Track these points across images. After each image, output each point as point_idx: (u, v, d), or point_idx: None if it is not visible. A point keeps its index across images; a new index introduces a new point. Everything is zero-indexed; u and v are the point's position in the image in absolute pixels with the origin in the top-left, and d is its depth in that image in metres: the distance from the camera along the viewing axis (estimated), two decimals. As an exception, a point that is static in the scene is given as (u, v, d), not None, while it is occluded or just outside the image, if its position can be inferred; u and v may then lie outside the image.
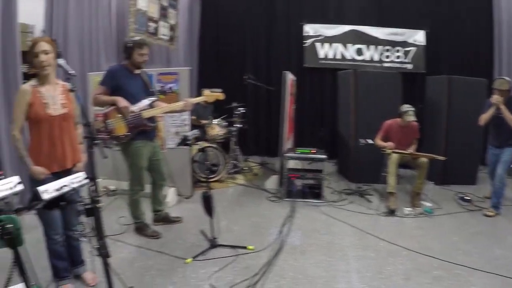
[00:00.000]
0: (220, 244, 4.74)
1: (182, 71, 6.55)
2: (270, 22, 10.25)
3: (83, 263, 4.09)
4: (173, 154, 6.35)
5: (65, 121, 3.59)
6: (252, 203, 6.48)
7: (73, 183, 2.17)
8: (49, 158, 3.55)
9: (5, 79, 6.02)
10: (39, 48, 3.40)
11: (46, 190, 1.97)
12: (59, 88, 3.62)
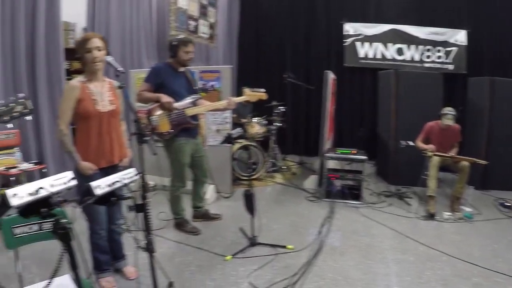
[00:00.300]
0: (260, 243, 4.73)
1: (224, 69, 6.59)
2: (310, 20, 10.17)
3: (124, 257, 4.15)
4: (214, 151, 6.36)
5: (113, 117, 3.64)
6: (291, 202, 6.44)
7: (124, 179, 2.18)
8: (97, 153, 3.60)
9: (49, 75, 6.17)
10: (93, 44, 3.44)
11: (98, 186, 1.99)
12: (106, 85, 3.67)
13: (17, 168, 5.36)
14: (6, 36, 5.61)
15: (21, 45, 5.77)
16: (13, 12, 5.65)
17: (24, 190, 1.73)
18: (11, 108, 2.12)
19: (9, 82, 5.70)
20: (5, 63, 5.62)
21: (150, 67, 5.09)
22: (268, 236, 4.95)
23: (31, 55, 5.97)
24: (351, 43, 9.81)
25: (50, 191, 1.80)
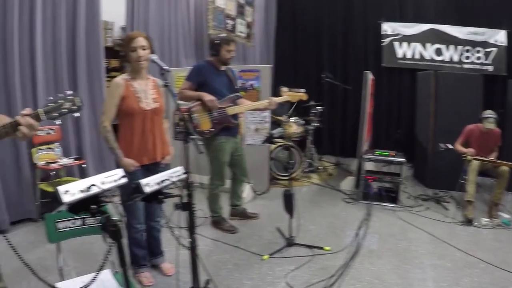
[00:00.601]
0: (297, 243, 4.71)
1: (264, 68, 6.57)
2: (347, 20, 10.07)
3: (162, 253, 4.20)
4: (252, 150, 6.35)
5: (156, 115, 3.69)
6: (327, 203, 6.40)
7: (172, 177, 2.19)
8: (140, 151, 3.66)
9: (89, 73, 6.32)
10: (138, 43, 3.50)
11: (148, 184, 1.99)
12: (150, 83, 3.73)
13: (57, 163, 5.48)
14: (47, 34, 5.75)
15: (62, 43, 5.92)
16: (54, 11, 5.79)
17: (76, 187, 1.74)
18: (60, 104, 2.12)
19: (50, 80, 5.85)
20: (47, 61, 5.77)
21: (192, 65, 5.12)
22: (305, 236, 4.93)
23: (72, 53, 6.12)
24: (389, 43, 9.66)
25: (102, 188, 1.81)
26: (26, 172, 5.52)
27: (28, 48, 5.53)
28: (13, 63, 5.31)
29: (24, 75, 5.49)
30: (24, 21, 5.44)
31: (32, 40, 5.56)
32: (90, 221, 2.88)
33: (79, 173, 6.20)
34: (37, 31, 5.54)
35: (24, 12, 5.41)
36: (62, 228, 2.84)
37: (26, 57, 5.51)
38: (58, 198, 1.67)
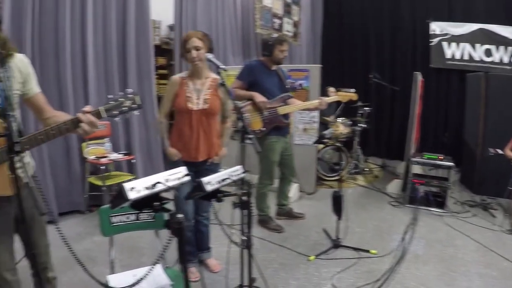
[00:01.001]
0: (343, 245, 4.68)
1: (313, 68, 6.52)
2: (395, 19, 9.88)
3: (209, 249, 4.24)
4: (300, 150, 6.33)
5: (205, 116, 3.70)
6: (373, 206, 6.33)
7: (232, 176, 2.20)
8: (183, 147, 3.75)
9: (139, 71, 6.48)
10: (191, 44, 3.53)
11: (209, 182, 2.00)
12: (208, 82, 3.73)
13: (107, 158, 5.59)
14: (98, 33, 5.91)
15: (112, 42, 6.08)
16: (105, 10, 5.95)
17: (141, 184, 1.75)
18: (121, 102, 2.17)
19: (101, 78, 6.02)
20: (97, 59, 5.93)
21: (242, 64, 5.13)
22: (351, 239, 4.88)
23: (122, 51, 6.28)
24: (437, 43, 9.42)
25: (167, 186, 1.82)
26: (76, 165, 5.67)
27: (79, 47, 5.69)
28: (65, 62, 5.47)
29: (76, 74, 5.65)
30: (75, 20, 5.60)
31: (83, 39, 5.71)
32: (143, 216, 2.95)
33: (127, 168, 6.36)
34: (88, 30, 5.69)
35: (75, 11, 5.56)
36: (116, 222, 2.93)
37: (78, 55, 5.67)
38: (124, 194, 1.70)
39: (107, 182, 5.57)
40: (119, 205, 1.79)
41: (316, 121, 6.50)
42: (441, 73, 9.51)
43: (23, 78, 2.42)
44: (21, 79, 2.40)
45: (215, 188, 2.06)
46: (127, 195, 1.69)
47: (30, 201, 2.21)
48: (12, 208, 2.41)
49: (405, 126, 7.84)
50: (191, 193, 1.97)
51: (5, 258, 2.46)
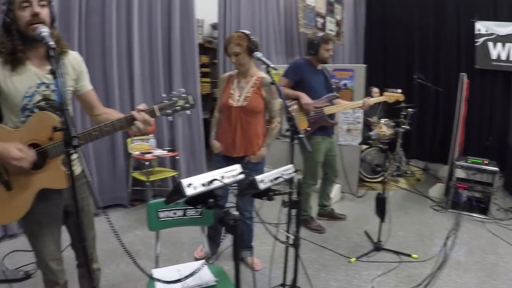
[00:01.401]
0: (384, 248, 4.64)
1: (358, 67, 6.48)
2: (439, 18, 9.67)
3: (251, 247, 4.27)
4: (343, 151, 6.32)
5: (244, 113, 3.82)
6: (415, 209, 6.24)
7: (284, 175, 2.22)
8: (223, 141, 3.96)
9: (183, 69, 6.59)
10: (230, 50, 3.73)
11: (262, 180, 2.02)
12: (253, 81, 3.83)
13: (151, 154, 5.72)
14: (143, 32, 6.02)
15: (158, 40, 6.21)
16: (150, 9, 6.09)
17: (198, 181, 1.78)
18: (174, 102, 2.26)
19: (146, 76, 6.17)
20: (143, 58, 6.07)
21: (290, 62, 5.15)
22: (392, 242, 4.83)
23: (167, 50, 6.41)
24: (482, 43, 9.13)
25: (224, 183, 1.84)
26: (121, 160, 5.81)
27: (125, 45, 5.83)
28: (112, 61, 5.62)
29: (122, 72, 5.80)
30: (121, 20, 5.73)
31: (129, 38, 5.85)
32: (191, 212, 2.99)
33: (170, 165, 6.50)
34: (134, 29, 5.82)
35: (121, 10, 5.69)
36: (163, 217, 2.97)
37: (124, 54, 5.82)
38: (181, 191, 1.72)
39: (150, 178, 5.70)
40: (174, 201, 1.82)
41: (360, 122, 6.46)
42: (486, 74, 9.22)
43: (76, 75, 2.53)
44: (74, 76, 2.51)
45: (268, 187, 2.08)
46: (185, 191, 1.72)
47: (81, 194, 2.28)
48: (62, 200, 2.50)
49: (448, 128, 7.72)
50: (244, 190, 1.99)
51: (52, 248, 2.54)
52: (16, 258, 4.47)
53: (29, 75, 2.29)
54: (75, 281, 2.87)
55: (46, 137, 2.22)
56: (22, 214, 2.32)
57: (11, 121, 2.33)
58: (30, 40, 2.22)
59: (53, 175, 2.29)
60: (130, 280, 4.04)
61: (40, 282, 3.92)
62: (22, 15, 2.18)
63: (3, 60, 2.23)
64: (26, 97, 2.28)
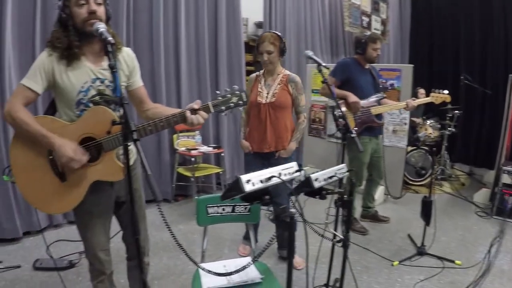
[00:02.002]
0: (428, 253, 4.60)
1: (405, 68, 6.42)
2: (486, 17, 9.38)
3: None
4: (387, 152, 6.13)
5: (272, 109, 4.02)
6: (459, 214, 6.13)
7: (338, 174, 2.24)
8: (253, 139, 4.15)
9: (230, 67, 6.73)
10: (264, 48, 3.91)
11: (317, 179, 2.04)
12: (279, 78, 4.06)
13: (197, 150, 5.84)
14: (190, 29, 6.16)
15: (204, 38, 6.36)
16: (197, 6, 6.22)
17: (257, 177, 1.81)
18: (228, 98, 2.33)
19: (193, 72, 6.32)
20: (190, 54, 6.22)
21: (336, 62, 5.16)
22: (435, 247, 4.77)
23: (214, 47, 6.57)
24: (532, 43, 8.96)
25: (282, 180, 1.88)
26: (166, 156, 5.97)
27: (172, 42, 6.00)
28: (159, 58, 5.80)
29: (169, 68, 5.97)
30: (168, 17, 5.87)
31: (176, 34, 6.02)
32: (240, 209, 3.05)
33: (214, 161, 6.64)
34: (181, 26, 5.97)
35: (168, 7, 5.84)
36: (212, 213, 3.03)
37: (171, 51, 5.99)
38: (240, 186, 1.75)
39: (196, 174, 5.83)
40: (232, 196, 1.86)
41: (406, 123, 6.40)
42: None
43: (129, 71, 2.62)
44: (127, 71, 2.60)
45: (322, 185, 2.10)
46: (244, 187, 1.76)
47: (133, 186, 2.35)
48: (113, 191, 2.59)
49: (495, 132, 7.56)
50: (298, 189, 2.02)
51: (101, 239, 2.62)
52: (61, 247, 4.64)
53: (85, 70, 2.37)
54: (118, 272, 2.95)
55: (102, 130, 2.30)
56: (75, 204, 2.40)
57: (66, 115, 2.42)
58: (85, 36, 2.30)
59: (107, 167, 2.37)
60: (172, 274, 4.15)
61: (83, 271, 4.08)
62: (79, 12, 2.25)
63: (58, 55, 2.31)
64: (81, 92, 2.36)
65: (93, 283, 2.72)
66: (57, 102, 2.47)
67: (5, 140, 4.70)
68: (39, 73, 2.31)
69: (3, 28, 4.59)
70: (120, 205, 2.73)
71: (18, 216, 4.85)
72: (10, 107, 2.28)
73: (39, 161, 2.36)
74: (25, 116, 2.27)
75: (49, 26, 4.89)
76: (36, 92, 2.32)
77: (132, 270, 3.01)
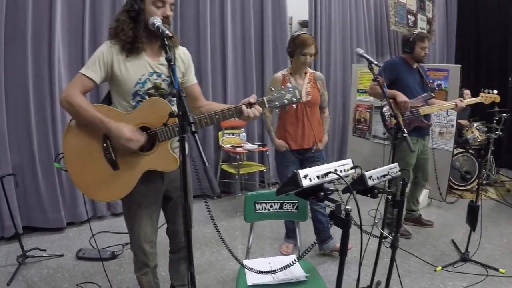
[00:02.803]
0: (471, 260, 4.54)
1: (453, 68, 6.29)
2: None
3: (332, 237, 4.50)
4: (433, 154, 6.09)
5: (309, 107, 4.21)
6: (504, 222, 6.00)
7: (392, 173, 2.26)
8: (290, 138, 4.26)
9: (275, 65, 6.91)
10: (309, 51, 4.02)
11: (371, 177, 2.07)
12: (308, 77, 4.22)
13: (242, 147, 5.98)
14: (236, 26, 6.27)
15: (251, 35, 6.46)
16: (243, 3, 6.29)
17: (313, 173, 1.85)
18: (282, 95, 2.43)
19: (239, 70, 6.43)
20: (236, 51, 6.35)
21: (385, 61, 5.15)
22: (479, 254, 4.69)
23: (260, 45, 6.68)
24: None
25: (339, 176, 1.91)
26: (210, 152, 6.14)
27: (219, 39, 6.17)
28: (206, 54, 5.96)
29: (215, 65, 6.14)
30: (215, 13, 6.02)
31: (223, 32, 6.18)
32: (287, 206, 3.09)
33: (258, 159, 6.77)
34: (228, 23, 6.11)
35: (214, 4, 5.98)
36: (260, 210, 3.08)
37: (217, 48, 6.16)
38: (298, 181, 1.79)
39: (240, 171, 5.97)
40: (287, 192, 1.90)
41: (453, 125, 6.28)
42: None
43: (185, 69, 2.70)
44: (183, 69, 2.69)
45: (375, 184, 2.12)
46: (301, 182, 1.79)
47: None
48: (162, 184, 2.66)
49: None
50: (352, 185, 2.04)
51: (147, 231, 2.69)
52: (103, 239, 4.80)
53: (143, 63, 2.46)
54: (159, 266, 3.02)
55: (157, 121, 2.36)
56: (125, 193, 2.47)
57: (121, 106, 2.50)
58: (149, 33, 2.39)
59: (161, 158, 2.43)
60: (214, 268, 4.23)
61: (125, 263, 4.19)
62: (154, 12, 2.35)
63: (120, 47, 2.40)
64: (139, 84, 2.45)
65: (137, 275, 2.80)
66: (113, 93, 2.55)
67: (53, 130, 4.89)
68: (98, 63, 2.39)
69: (53, 23, 4.76)
70: (168, 199, 2.80)
71: (63, 207, 5.05)
72: (67, 93, 2.36)
73: (92, 148, 2.43)
74: (82, 102, 2.34)
75: (98, 21, 5.09)
76: (93, 81, 2.40)
77: (175, 263, 3.09)
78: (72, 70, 5.09)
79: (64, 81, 5.00)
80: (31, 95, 4.78)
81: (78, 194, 5.14)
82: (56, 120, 4.92)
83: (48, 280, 3.93)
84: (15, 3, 4.60)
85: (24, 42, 4.67)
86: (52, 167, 4.96)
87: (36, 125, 4.85)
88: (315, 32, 7.53)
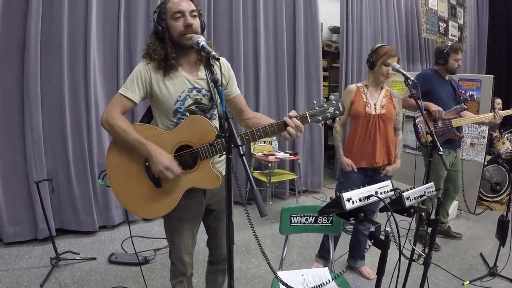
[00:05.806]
0: (500, 275, 4.56)
1: (485, 78, 6.32)
2: None
3: (363, 258, 4.49)
4: (464, 166, 5.91)
5: (382, 121, 3.97)
6: (533, 236, 6.06)
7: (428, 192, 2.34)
8: (360, 153, 4.04)
9: (307, 73, 7.00)
10: (392, 61, 3.86)
11: (408, 197, 2.16)
12: (384, 92, 4.06)
13: (274, 156, 6.12)
14: (269, 35, 6.42)
15: (283, 43, 6.59)
16: (275, 12, 6.48)
17: (356, 196, 1.98)
18: (325, 108, 2.36)
19: (272, 77, 6.58)
20: (268, 60, 6.46)
21: (417, 74, 5.22)
22: (508, 269, 4.71)
23: (292, 53, 6.79)
24: None
25: (380, 198, 2.05)
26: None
27: (252, 48, 6.30)
28: (239, 63, 6.09)
29: (248, 74, 6.27)
30: (248, 23, 6.19)
31: (256, 40, 6.30)
32: (322, 220, 3.21)
33: (289, 167, 6.89)
34: (260, 32, 6.26)
35: (247, 14, 6.15)
36: (296, 223, 3.21)
37: (250, 57, 6.31)
38: (342, 204, 1.91)
39: (272, 179, 6.08)
40: (331, 213, 2.04)
41: (485, 136, 6.30)
42: None
43: (226, 81, 2.74)
44: (224, 81, 2.71)
45: (412, 204, 2.22)
46: (345, 205, 1.92)
47: (223, 195, 2.49)
48: (205, 200, 2.75)
49: None
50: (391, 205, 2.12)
51: (188, 243, 2.80)
52: (135, 243, 4.96)
53: (181, 80, 2.52)
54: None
55: (198, 139, 2.44)
56: (168, 211, 2.56)
57: (163, 123, 2.59)
58: (182, 48, 2.46)
59: (203, 175, 2.50)
60: (244, 277, 4.36)
61: (157, 268, 4.37)
62: (175, 25, 2.42)
63: (155, 66, 2.48)
64: (179, 101, 2.52)
65: (172, 282, 2.90)
66: (154, 111, 2.64)
67: (88, 136, 5.11)
68: (136, 82, 2.48)
69: (88, 31, 4.92)
70: (210, 212, 2.87)
71: (96, 211, 5.24)
72: (108, 114, 2.44)
73: (135, 166, 2.53)
74: (123, 124, 2.43)
75: (133, 28, 5.24)
76: (133, 101, 2.49)
77: (213, 275, 3.18)
78: (107, 77, 5.29)
79: (99, 88, 5.18)
80: (67, 102, 4.96)
81: (110, 198, 5.32)
82: (91, 126, 5.10)
83: (81, 283, 4.10)
84: (51, 9, 4.77)
85: (60, 50, 4.85)
86: (85, 172, 5.15)
87: (71, 131, 5.03)
88: (347, 39, 7.65)
